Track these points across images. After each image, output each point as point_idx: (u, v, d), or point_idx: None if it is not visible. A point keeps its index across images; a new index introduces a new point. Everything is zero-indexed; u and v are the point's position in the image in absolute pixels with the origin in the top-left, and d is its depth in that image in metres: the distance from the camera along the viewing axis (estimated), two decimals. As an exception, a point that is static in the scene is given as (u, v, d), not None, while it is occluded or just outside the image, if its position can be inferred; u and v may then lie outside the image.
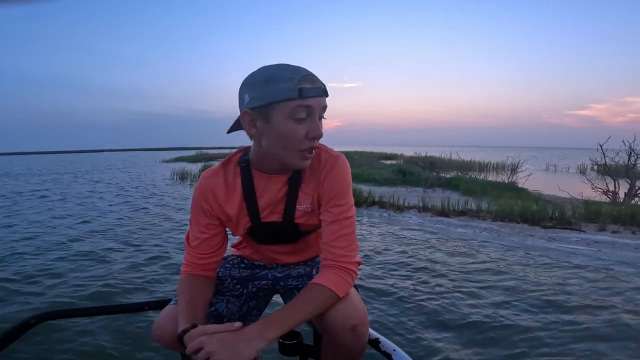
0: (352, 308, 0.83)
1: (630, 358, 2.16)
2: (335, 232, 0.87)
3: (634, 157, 8.45)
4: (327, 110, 0.82)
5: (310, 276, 1.05)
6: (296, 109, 0.77)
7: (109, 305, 1.15)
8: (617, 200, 8.14)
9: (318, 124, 0.80)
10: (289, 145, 0.80)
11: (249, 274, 1.07)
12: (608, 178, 8.72)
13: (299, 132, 0.79)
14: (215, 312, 0.97)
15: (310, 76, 0.79)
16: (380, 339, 0.95)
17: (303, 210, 0.92)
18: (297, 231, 0.96)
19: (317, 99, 0.79)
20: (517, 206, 6.68)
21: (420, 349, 2.24)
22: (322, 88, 0.80)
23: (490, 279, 3.47)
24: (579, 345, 2.27)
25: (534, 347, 2.25)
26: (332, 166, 0.90)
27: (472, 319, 2.61)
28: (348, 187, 0.90)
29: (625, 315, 2.69)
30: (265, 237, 0.98)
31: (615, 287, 3.30)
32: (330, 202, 0.89)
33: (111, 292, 3.09)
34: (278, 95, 0.77)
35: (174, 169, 15.85)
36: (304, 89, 0.76)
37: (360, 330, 0.83)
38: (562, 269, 3.84)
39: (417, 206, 7.61)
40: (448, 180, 11.00)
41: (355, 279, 0.87)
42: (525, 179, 11.29)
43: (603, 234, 5.54)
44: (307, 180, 0.91)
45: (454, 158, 16.97)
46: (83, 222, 6.26)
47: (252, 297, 1.06)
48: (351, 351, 0.85)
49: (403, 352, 0.91)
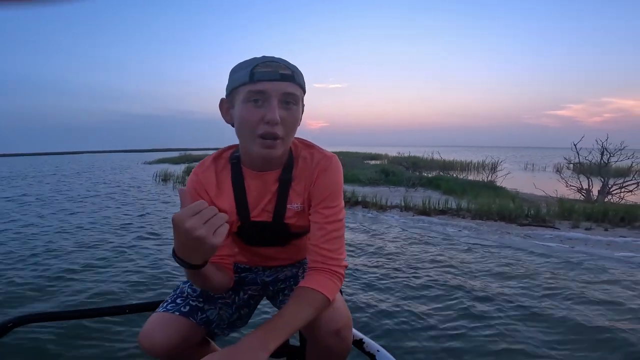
0: (337, 312, 0.82)
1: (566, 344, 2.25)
2: (325, 234, 0.86)
3: (606, 155, 8.75)
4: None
5: (296, 277, 1.05)
6: (249, 92, 0.77)
7: (89, 308, 1.14)
8: (590, 198, 8.43)
9: (274, 108, 0.77)
10: (246, 129, 0.80)
11: (238, 278, 1.05)
12: (582, 176, 9.01)
13: (253, 116, 0.78)
14: (206, 318, 0.95)
15: (271, 62, 0.78)
16: (365, 339, 0.96)
17: (294, 209, 0.91)
18: (286, 233, 0.94)
19: (271, 83, 0.77)
20: (495, 205, 6.85)
21: (391, 340, 2.28)
22: (281, 72, 0.77)
23: (464, 275, 3.56)
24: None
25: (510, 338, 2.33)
26: (325, 167, 0.89)
27: (447, 315, 2.68)
28: (340, 190, 0.89)
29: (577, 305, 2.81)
30: (254, 238, 0.96)
31: (573, 280, 3.42)
32: (321, 204, 0.88)
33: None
34: (236, 81, 0.80)
35: (156, 171, 15.58)
36: (255, 73, 0.77)
37: (344, 334, 0.83)
38: (535, 264, 3.96)
39: (400, 205, 7.71)
40: (429, 179, 11.19)
41: (342, 282, 0.86)
42: (503, 178, 11.59)
43: (576, 231, 5.72)
44: (298, 179, 0.90)
45: (436, 158, 17.26)
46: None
47: (244, 304, 1.04)
48: (335, 354, 0.85)
49: (387, 352, 0.92)
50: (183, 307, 0.92)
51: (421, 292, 3.13)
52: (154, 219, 6.55)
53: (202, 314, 0.94)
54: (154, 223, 6.17)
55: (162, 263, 3.91)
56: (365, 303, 2.88)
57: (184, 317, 0.91)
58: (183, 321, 0.90)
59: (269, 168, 0.88)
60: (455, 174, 14.56)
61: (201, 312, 0.94)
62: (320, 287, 0.80)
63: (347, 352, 0.87)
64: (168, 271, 3.62)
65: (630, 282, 3.41)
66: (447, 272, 3.69)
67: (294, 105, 0.80)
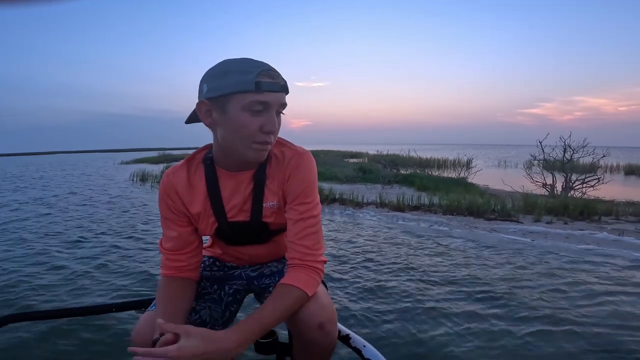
0: (320, 306, 0.83)
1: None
2: (300, 230, 0.87)
3: (569, 152, 9.21)
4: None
5: (282, 273, 1.01)
6: (252, 102, 0.77)
7: (75, 307, 1.12)
8: (555, 193, 8.87)
9: (274, 119, 0.79)
10: (243, 137, 0.79)
11: (222, 274, 1.06)
12: (547, 172, 9.47)
13: (253, 125, 0.78)
14: (199, 319, 0.96)
15: (271, 71, 0.78)
16: (351, 334, 0.96)
17: (270, 207, 0.91)
18: (266, 230, 0.94)
19: (275, 95, 0.78)
20: (465, 200, 7.14)
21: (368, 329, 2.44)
22: (282, 84, 0.79)
23: (431, 268, 3.77)
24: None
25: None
26: (297, 164, 0.89)
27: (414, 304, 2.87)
28: (313, 185, 0.90)
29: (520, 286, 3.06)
30: (233, 238, 0.96)
31: (526, 270, 3.69)
32: (295, 200, 0.88)
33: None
34: (235, 86, 0.77)
35: (133, 171, 15.29)
36: (261, 83, 0.76)
37: (328, 329, 0.83)
38: (501, 256, 4.22)
39: (375, 202, 7.91)
40: (405, 176, 11.50)
41: (322, 277, 0.88)
42: (474, 175, 12.03)
43: (538, 225, 6.02)
44: (271, 177, 0.90)
45: (413, 156, 17.65)
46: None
47: (232, 301, 1.04)
48: (321, 349, 0.85)
49: (373, 347, 0.93)
50: None
51: (386, 284, 3.32)
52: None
53: (195, 315, 0.95)
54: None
55: (135, 265, 3.95)
56: (335, 296, 3.04)
57: None
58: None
59: (246, 168, 0.89)
60: (431, 171, 14.97)
61: (194, 312, 0.95)
62: (297, 282, 0.82)
63: (332, 346, 0.87)
64: (146, 270, 3.68)
65: (567, 271, 3.69)
66: (410, 267, 3.89)
67: (282, 114, 0.83)
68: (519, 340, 2.32)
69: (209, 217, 0.91)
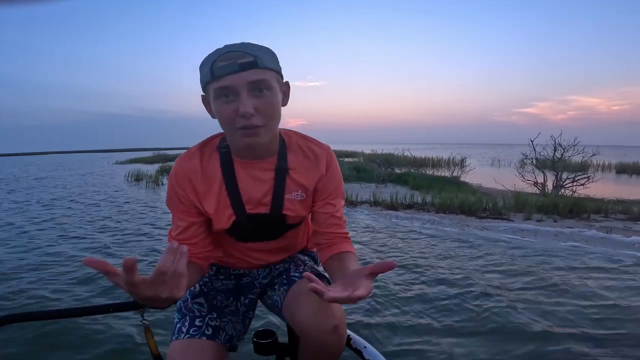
0: (332, 308, 0.81)
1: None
2: (337, 221, 0.91)
3: (559, 151, 9.34)
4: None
5: (288, 272, 1.00)
6: (216, 90, 0.74)
7: (75, 307, 1.10)
8: (545, 192, 9.00)
9: (245, 101, 0.73)
10: (225, 124, 0.78)
11: (234, 285, 1.03)
12: (538, 171, 9.60)
13: (227, 111, 0.75)
14: (227, 335, 0.92)
15: (229, 53, 0.73)
16: (352, 335, 0.95)
17: (292, 199, 0.88)
18: (283, 224, 0.91)
19: (234, 76, 0.73)
20: (457, 199, 7.23)
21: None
22: (240, 62, 0.73)
23: (423, 265, 3.85)
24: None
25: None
26: (331, 161, 0.91)
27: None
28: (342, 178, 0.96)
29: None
30: (249, 233, 0.91)
31: (513, 265, 3.78)
32: (331, 194, 0.91)
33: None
34: (203, 79, 0.77)
35: (128, 171, 15.26)
36: (215, 69, 0.73)
37: (341, 331, 0.82)
38: (490, 254, 4.30)
39: (369, 201, 7.97)
40: (398, 175, 11.60)
41: None
42: (467, 174, 12.16)
43: (528, 223, 6.12)
44: (297, 169, 0.88)
45: (408, 155, 17.75)
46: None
47: (248, 309, 1.03)
48: (331, 351, 0.84)
49: (374, 348, 0.93)
50: (206, 329, 0.88)
51: (377, 283, 3.39)
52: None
53: (223, 332, 0.92)
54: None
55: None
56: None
57: (213, 341, 0.87)
58: (213, 345, 0.87)
59: (261, 157, 0.85)
60: (425, 170, 15.08)
61: (222, 330, 0.91)
62: (354, 250, 0.90)
63: (342, 348, 0.86)
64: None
65: (549, 268, 3.78)
66: (407, 262, 3.98)
67: (267, 90, 0.76)
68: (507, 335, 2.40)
69: (226, 209, 0.86)
